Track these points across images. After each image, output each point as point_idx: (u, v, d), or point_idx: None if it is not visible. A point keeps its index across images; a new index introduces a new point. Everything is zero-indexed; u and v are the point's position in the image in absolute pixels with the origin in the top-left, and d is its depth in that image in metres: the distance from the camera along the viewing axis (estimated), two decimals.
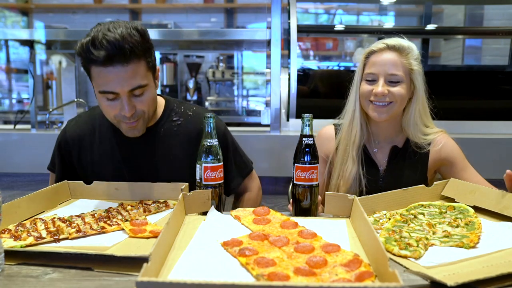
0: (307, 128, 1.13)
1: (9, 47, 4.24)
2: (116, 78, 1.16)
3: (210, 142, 1.14)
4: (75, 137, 1.41)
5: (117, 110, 1.22)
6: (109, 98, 1.21)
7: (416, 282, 0.75)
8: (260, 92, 4.58)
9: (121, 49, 1.14)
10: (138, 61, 1.19)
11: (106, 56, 1.13)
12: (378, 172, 1.46)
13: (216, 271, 0.76)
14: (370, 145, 1.49)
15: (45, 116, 2.40)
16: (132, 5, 4.64)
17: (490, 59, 3.84)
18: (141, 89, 1.22)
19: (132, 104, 1.22)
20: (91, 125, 1.42)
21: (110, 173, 1.37)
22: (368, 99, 1.40)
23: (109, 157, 1.38)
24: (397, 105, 1.38)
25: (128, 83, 1.18)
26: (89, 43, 1.14)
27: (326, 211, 1.08)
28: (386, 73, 1.37)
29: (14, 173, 2.10)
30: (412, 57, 1.39)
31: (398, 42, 1.40)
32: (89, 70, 1.20)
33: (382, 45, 1.39)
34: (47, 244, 0.92)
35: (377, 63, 1.38)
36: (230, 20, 4.68)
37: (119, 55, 1.14)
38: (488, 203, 1.13)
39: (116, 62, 1.15)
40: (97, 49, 1.13)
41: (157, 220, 1.09)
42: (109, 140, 1.38)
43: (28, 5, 4.59)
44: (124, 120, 1.24)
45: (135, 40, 1.17)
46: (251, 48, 3.14)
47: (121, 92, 1.18)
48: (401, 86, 1.37)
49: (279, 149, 1.97)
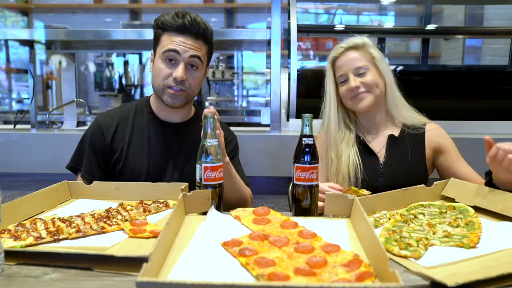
0: (307, 128, 1.13)
1: (9, 47, 4.24)
2: (184, 43, 1.36)
3: (210, 142, 1.14)
4: (108, 125, 1.48)
5: (170, 73, 1.37)
6: (169, 60, 1.37)
7: (416, 282, 0.75)
8: (260, 92, 4.58)
9: (198, 25, 1.37)
10: (204, 43, 1.40)
11: (183, 25, 1.35)
12: (377, 160, 1.50)
13: (216, 271, 0.76)
14: (365, 136, 1.55)
15: (45, 116, 2.40)
16: (132, 5, 4.64)
17: (490, 59, 3.84)
18: (197, 62, 1.39)
19: (185, 73, 1.37)
20: (123, 117, 1.50)
21: (138, 161, 1.44)
22: (348, 98, 1.49)
23: (139, 145, 1.46)
24: (375, 90, 1.47)
25: (191, 51, 1.36)
26: (174, 14, 1.37)
27: (326, 211, 1.08)
28: (352, 68, 1.48)
29: (14, 173, 2.10)
30: (369, 47, 1.50)
31: (352, 41, 1.51)
32: (161, 36, 1.38)
33: (341, 49, 1.52)
34: (47, 244, 0.92)
35: (342, 64, 1.50)
36: (230, 20, 4.68)
37: (194, 29, 1.36)
38: (488, 203, 1.13)
39: (189, 34, 1.36)
40: (179, 18, 1.36)
41: (157, 220, 1.09)
42: (141, 129, 1.48)
43: (28, 5, 4.60)
44: (172, 84, 1.37)
45: (208, 28, 1.41)
46: (251, 48, 3.13)
47: (183, 54, 1.35)
48: (369, 74, 1.47)
49: (279, 149, 1.97)
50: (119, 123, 1.48)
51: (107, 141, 1.45)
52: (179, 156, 1.47)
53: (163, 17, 1.39)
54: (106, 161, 1.46)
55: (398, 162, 1.48)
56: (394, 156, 1.49)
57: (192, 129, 1.50)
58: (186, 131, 1.49)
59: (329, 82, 1.54)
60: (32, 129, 2.26)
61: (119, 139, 1.46)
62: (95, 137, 1.46)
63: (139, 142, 1.46)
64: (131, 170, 1.43)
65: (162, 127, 1.48)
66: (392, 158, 1.49)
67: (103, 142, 1.45)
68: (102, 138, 1.46)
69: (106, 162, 1.46)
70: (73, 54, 2.67)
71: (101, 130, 1.46)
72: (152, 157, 1.45)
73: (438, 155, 1.51)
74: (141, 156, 1.45)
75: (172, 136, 1.48)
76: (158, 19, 1.41)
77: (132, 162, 1.44)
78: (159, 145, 1.46)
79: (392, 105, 1.51)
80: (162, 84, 1.39)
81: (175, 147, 1.47)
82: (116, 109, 1.55)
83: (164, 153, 1.46)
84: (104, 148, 1.46)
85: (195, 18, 1.37)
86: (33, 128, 2.27)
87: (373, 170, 1.48)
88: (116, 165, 1.45)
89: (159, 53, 1.39)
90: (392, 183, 1.38)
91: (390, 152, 1.50)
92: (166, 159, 1.46)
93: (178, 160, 1.46)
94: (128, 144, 1.45)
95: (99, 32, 2.23)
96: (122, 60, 4.47)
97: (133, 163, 1.44)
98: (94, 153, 1.46)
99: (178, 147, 1.47)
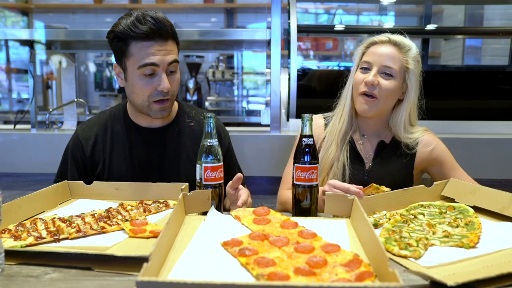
0: (307, 128, 1.13)
1: (9, 47, 4.24)
2: (157, 51, 1.26)
3: (210, 142, 1.14)
4: (87, 137, 1.43)
5: (153, 88, 1.29)
6: (146, 74, 1.28)
7: (416, 282, 0.76)
8: (260, 92, 4.58)
9: (164, 26, 1.26)
10: (173, 41, 1.31)
11: (150, 30, 1.24)
12: (363, 166, 1.46)
13: (216, 271, 0.77)
14: (357, 137, 1.49)
15: (45, 116, 2.40)
16: (132, 5, 4.63)
17: (490, 59, 3.84)
18: (176, 66, 1.32)
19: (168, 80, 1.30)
20: (102, 126, 1.45)
21: (122, 171, 1.40)
22: (359, 89, 1.40)
23: (121, 155, 1.41)
24: (382, 101, 1.38)
25: (168, 56, 1.28)
26: (134, 20, 1.25)
27: (326, 211, 1.08)
28: (381, 64, 1.38)
29: (14, 173, 2.10)
30: (411, 55, 1.40)
31: (401, 38, 1.41)
32: (127, 48, 1.27)
33: (384, 38, 1.41)
34: (47, 244, 0.92)
35: (375, 53, 1.40)
36: (230, 20, 4.68)
37: (161, 31, 1.26)
38: (488, 203, 1.13)
39: (158, 37, 1.26)
40: (142, 24, 1.24)
41: (157, 220, 1.09)
42: (122, 138, 1.42)
43: (28, 5, 4.59)
44: (159, 97, 1.30)
45: (171, 24, 1.30)
46: (251, 48, 3.13)
47: (161, 65, 1.27)
48: (392, 82, 1.37)
49: (279, 149, 1.97)
50: (98, 135, 1.43)
51: (87, 154, 1.41)
52: (163, 161, 1.42)
53: (121, 26, 1.26)
54: (90, 173, 1.42)
55: (383, 173, 1.43)
56: (381, 164, 1.45)
57: (176, 130, 1.45)
58: (170, 134, 1.44)
59: (355, 63, 1.45)
60: (32, 129, 2.26)
61: (99, 150, 1.42)
62: (75, 150, 1.43)
63: (120, 152, 1.41)
64: (116, 181, 1.37)
65: (142, 134, 1.42)
66: (378, 166, 1.45)
67: (83, 155, 1.42)
68: (82, 152, 1.42)
69: (90, 175, 1.42)
70: (73, 54, 2.67)
71: (80, 143, 1.42)
72: (135, 166, 1.41)
73: (432, 168, 1.47)
74: (125, 165, 1.41)
75: (154, 142, 1.42)
76: (115, 30, 1.28)
77: (116, 173, 1.40)
78: (141, 153, 1.42)
79: (394, 121, 1.44)
80: (146, 100, 1.31)
81: (159, 152, 1.42)
82: (95, 118, 1.50)
83: (148, 160, 1.41)
84: (85, 161, 1.42)
85: (157, 18, 1.26)
86: (33, 128, 2.26)
87: (357, 176, 1.43)
88: (100, 176, 1.41)
89: (132, 68, 1.28)
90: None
91: (377, 160, 1.45)
92: (151, 166, 1.42)
93: (163, 166, 1.42)
94: (110, 155, 1.41)
95: (99, 32, 2.23)
96: None
97: (117, 173, 1.40)
98: (76, 166, 1.43)
99: (161, 151, 1.42)
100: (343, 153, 1.43)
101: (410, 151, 1.44)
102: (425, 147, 1.45)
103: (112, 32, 1.30)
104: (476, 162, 1.45)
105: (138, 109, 1.38)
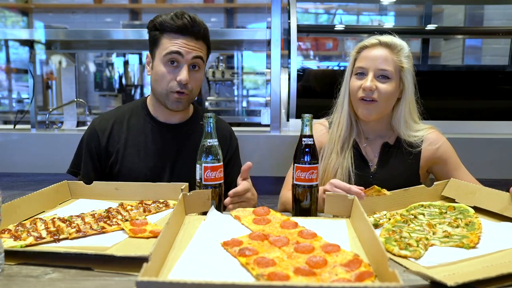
0: (307, 128, 1.13)
1: (9, 47, 4.23)
2: (185, 45, 1.34)
3: (210, 142, 1.14)
4: (103, 128, 1.47)
5: (174, 77, 1.35)
6: (171, 63, 1.35)
7: (416, 282, 0.75)
8: (260, 92, 4.58)
9: (198, 25, 1.36)
10: (204, 43, 1.40)
11: (184, 26, 1.33)
12: (368, 169, 1.45)
13: (216, 271, 0.76)
14: (360, 140, 1.48)
15: (45, 116, 2.40)
16: (132, 5, 4.64)
17: (490, 59, 3.84)
18: (199, 63, 1.38)
19: (189, 75, 1.35)
20: (119, 118, 1.49)
21: (135, 163, 1.43)
22: (357, 95, 1.39)
23: (135, 147, 1.45)
24: (382, 104, 1.38)
25: (194, 52, 1.35)
26: (173, 15, 1.34)
27: (326, 211, 1.08)
28: (376, 68, 1.37)
29: (14, 173, 2.10)
30: (403, 54, 1.39)
31: (391, 39, 1.40)
32: (160, 38, 1.36)
33: (374, 41, 1.40)
34: (47, 244, 0.92)
35: (368, 57, 1.39)
36: (230, 20, 4.68)
37: (194, 29, 1.35)
38: (488, 204, 1.13)
39: (189, 34, 1.34)
40: (179, 19, 1.33)
41: (157, 220, 1.09)
42: (137, 131, 1.46)
43: (28, 5, 4.59)
44: (176, 89, 1.36)
45: (206, 28, 1.40)
46: (251, 48, 3.13)
47: (185, 56, 1.34)
48: (389, 84, 1.37)
49: (279, 149, 1.97)
50: (114, 125, 1.47)
51: (103, 144, 1.45)
52: (177, 157, 1.46)
53: (160, 18, 1.36)
54: (103, 164, 1.46)
55: (389, 175, 1.43)
56: (386, 166, 1.44)
57: (190, 129, 1.49)
58: (184, 132, 1.48)
59: (348, 70, 1.45)
60: (32, 129, 2.26)
61: (114, 141, 1.45)
62: (91, 141, 1.46)
63: (135, 144, 1.45)
64: (128, 173, 1.42)
65: (160, 128, 1.47)
66: (383, 168, 1.44)
67: (98, 146, 1.45)
68: (98, 142, 1.45)
69: (103, 166, 1.46)
70: (73, 54, 2.67)
71: (96, 133, 1.46)
72: (149, 159, 1.44)
73: (436, 166, 1.46)
74: (138, 158, 1.44)
75: (171, 138, 1.47)
76: (155, 20, 1.38)
77: (129, 165, 1.43)
78: (156, 147, 1.45)
79: (395, 120, 1.44)
80: (165, 89, 1.37)
81: (173, 149, 1.46)
82: (112, 111, 1.55)
83: (161, 154, 1.45)
84: (100, 151, 1.45)
85: (194, 18, 1.35)
86: (33, 128, 2.26)
87: (363, 178, 1.42)
88: (113, 168, 1.44)
89: (159, 56, 1.36)
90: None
91: (382, 162, 1.45)
92: (163, 161, 1.45)
93: (176, 162, 1.45)
94: (124, 146, 1.44)
95: (99, 32, 2.23)
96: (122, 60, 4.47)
97: (129, 165, 1.43)
98: (91, 157, 1.45)
99: (176, 148, 1.46)
100: (346, 159, 1.42)
101: (415, 150, 1.43)
102: (431, 145, 1.44)
103: (152, 21, 1.39)
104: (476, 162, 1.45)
105: (158, 99, 1.42)
